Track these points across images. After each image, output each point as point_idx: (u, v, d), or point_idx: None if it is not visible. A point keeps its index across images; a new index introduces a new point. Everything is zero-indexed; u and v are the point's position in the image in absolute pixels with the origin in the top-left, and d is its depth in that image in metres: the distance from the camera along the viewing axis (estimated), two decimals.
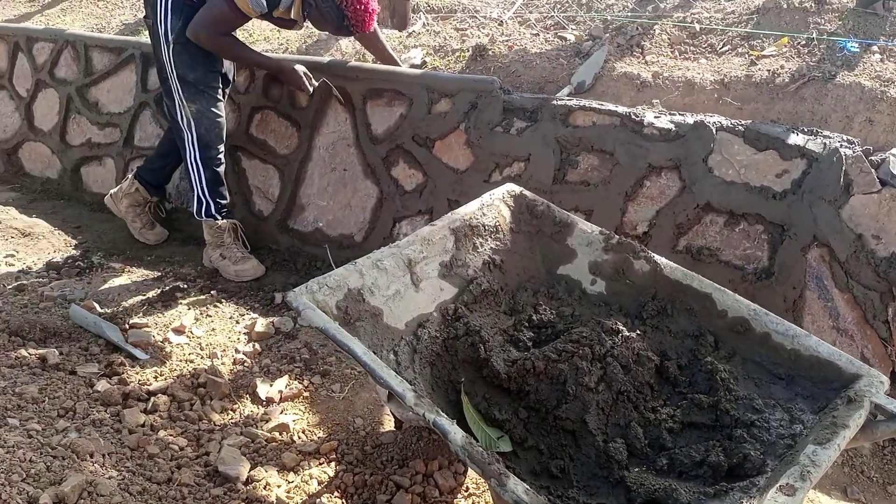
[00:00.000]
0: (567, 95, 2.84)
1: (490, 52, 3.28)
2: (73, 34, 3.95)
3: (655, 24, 3.33)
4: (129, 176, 3.22)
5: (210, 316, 2.66)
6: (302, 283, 2.94)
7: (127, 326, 2.50)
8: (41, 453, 1.54)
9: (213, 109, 2.83)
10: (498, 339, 1.64)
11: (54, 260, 3.07)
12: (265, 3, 2.56)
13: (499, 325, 1.71)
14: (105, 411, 1.94)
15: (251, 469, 1.82)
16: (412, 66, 3.26)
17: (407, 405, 1.26)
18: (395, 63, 3.13)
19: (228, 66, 2.91)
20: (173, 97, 2.79)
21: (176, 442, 1.89)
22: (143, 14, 2.84)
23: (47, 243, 3.27)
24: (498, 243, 1.84)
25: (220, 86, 2.88)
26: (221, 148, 2.93)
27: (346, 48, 3.62)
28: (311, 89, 2.95)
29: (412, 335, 1.62)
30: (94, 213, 3.63)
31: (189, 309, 2.67)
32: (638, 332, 1.60)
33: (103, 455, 1.64)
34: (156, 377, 2.21)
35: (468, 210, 1.83)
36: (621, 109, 2.56)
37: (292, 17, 2.64)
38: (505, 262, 1.83)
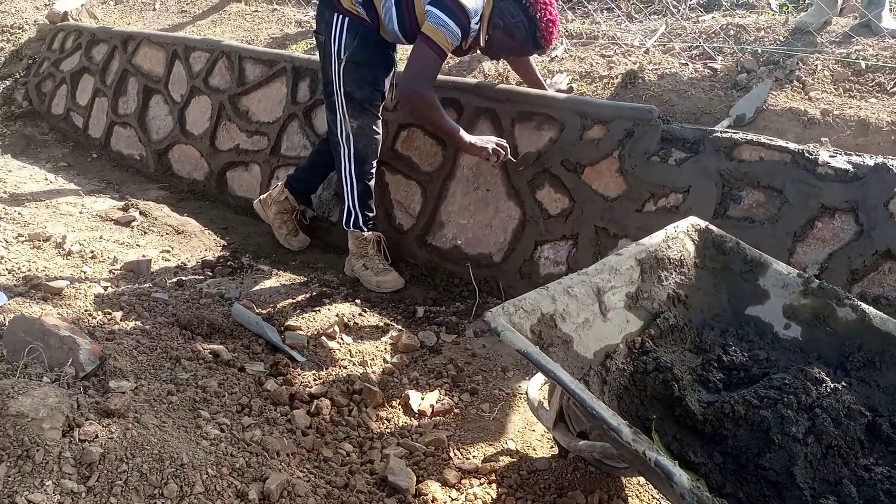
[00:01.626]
0: (725, 128, 2.77)
1: (640, 80, 3.25)
2: (228, 45, 4.18)
3: (813, 58, 3.21)
4: (279, 184, 3.36)
5: (357, 324, 2.72)
6: (442, 299, 3.02)
7: (282, 328, 2.60)
8: (238, 448, 1.61)
9: (373, 126, 2.93)
10: (687, 378, 1.60)
11: (207, 259, 3.24)
12: (459, 35, 2.60)
13: (686, 362, 1.67)
14: (275, 410, 2.01)
15: (417, 482, 1.84)
16: (558, 90, 3.26)
17: (623, 441, 1.23)
18: (542, 87, 3.14)
19: (388, 86, 3.00)
20: (336, 112, 2.90)
21: (342, 447, 1.94)
22: (314, 30, 2.97)
23: (199, 242, 3.45)
24: (682, 278, 1.80)
25: (381, 103, 2.97)
26: (374, 163, 3.02)
27: (490, 70, 3.67)
28: (492, 161, 2.83)
29: (601, 365, 1.60)
30: (238, 216, 3.81)
31: (337, 316, 2.75)
32: (843, 383, 1.52)
33: (287, 455, 1.70)
34: (314, 380, 2.28)
35: (653, 242, 1.80)
36: (792, 146, 2.47)
37: (480, 43, 2.69)
38: (689, 297, 1.79)
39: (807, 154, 2.42)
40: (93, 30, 5.03)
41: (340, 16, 2.80)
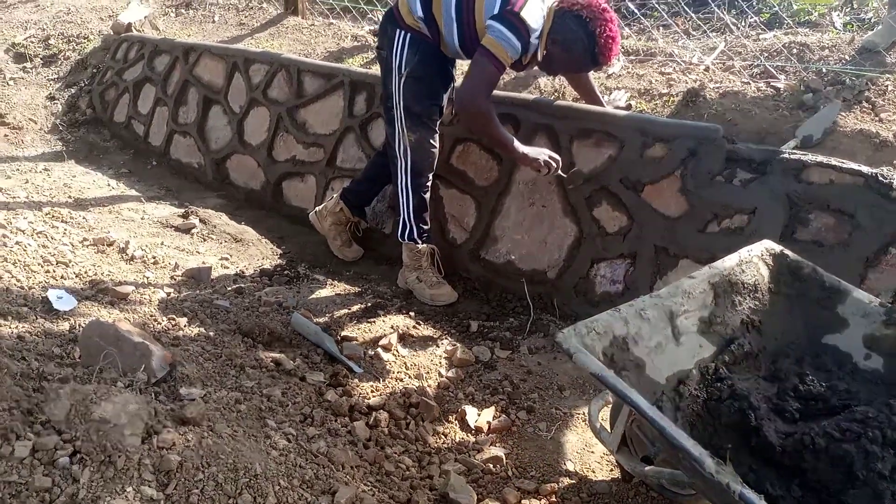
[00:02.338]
0: (792, 149, 2.71)
1: (702, 98, 3.20)
2: (287, 58, 4.26)
3: (883, 79, 3.12)
4: (335, 196, 3.40)
5: (412, 336, 2.73)
6: (495, 314, 3.00)
7: (339, 338, 2.62)
8: (306, 459, 1.62)
9: (430, 140, 2.95)
10: (763, 408, 1.56)
11: (265, 267, 3.29)
12: (519, 49, 2.62)
13: (760, 391, 1.63)
14: (336, 421, 2.03)
15: (478, 500, 1.83)
16: (616, 107, 3.24)
17: (705, 472, 1.21)
18: (601, 104, 3.12)
19: (446, 100, 3.01)
20: (395, 125, 2.93)
21: (402, 461, 1.94)
22: (377, 45, 3.01)
23: (256, 250, 3.51)
24: (756, 303, 1.76)
25: (439, 118, 2.99)
26: (430, 176, 3.04)
27: (546, 86, 3.67)
28: (546, 171, 2.84)
29: (673, 391, 1.57)
30: (293, 225, 3.86)
31: (391, 328, 2.76)
32: None
33: (352, 467, 1.71)
34: (372, 391, 2.29)
35: (727, 265, 1.76)
36: (865, 169, 2.40)
37: (538, 59, 2.70)
38: (763, 323, 1.75)
39: (881, 178, 2.35)
40: (155, 41, 5.18)
41: (403, 31, 2.83)
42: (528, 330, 2.84)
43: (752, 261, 1.79)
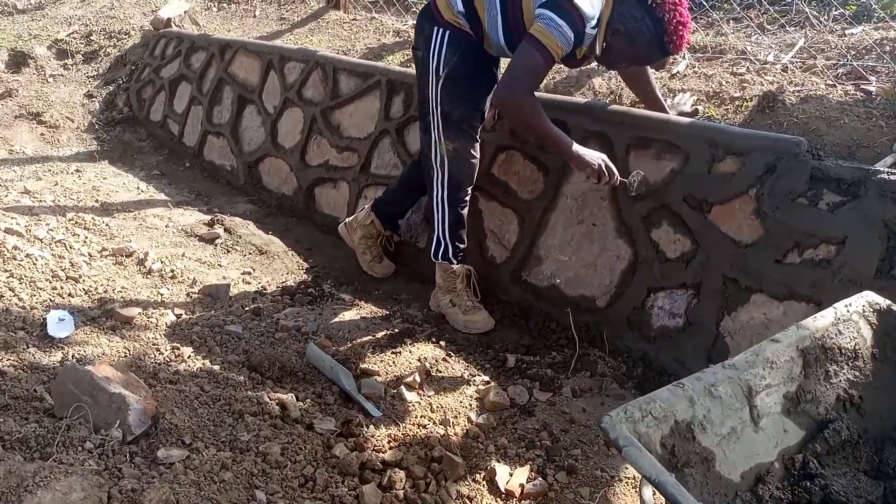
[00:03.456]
0: (890, 167, 2.30)
1: (780, 104, 2.80)
2: (323, 56, 4.02)
3: None
4: (367, 207, 3.14)
5: (440, 371, 2.44)
6: (536, 346, 2.68)
7: (359, 372, 2.36)
8: None
9: (470, 150, 2.65)
10: None
11: (288, 284, 3.06)
12: (572, 39, 2.29)
13: (862, 491, 1.27)
14: (343, 483, 1.76)
15: None
16: (680, 112, 2.86)
17: None
18: (663, 108, 2.76)
19: (487, 104, 2.70)
20: (430, 133, 2.64)
21: None
22: (413, 45, 2.72)
23: (281, 264, 3.28)
24: (856, 373, 1.40)
25: (480, 124, 2.68)
26: (469, 190, 2.74)
27: (600, 87, 3.31)
28: (595, 181, 2.50)
29: (749, 492, 1.24)
30: (324, 236, 3.62)
31: (419, 360, 2.48)
32: None
33: None
34: (389, 441, 2.01)
35: (819, 325, 1.41)
36: None
37: (596, 52, 2.37)
38: (865, 400, 1.39)
39: None
40: (193, 37, 5.02)
41: (441, 29, 2.54)
42: (573, 367, 2.51)
43: (852, 319, 1.43)
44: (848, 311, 1.45)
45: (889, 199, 2.12)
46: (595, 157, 2.50)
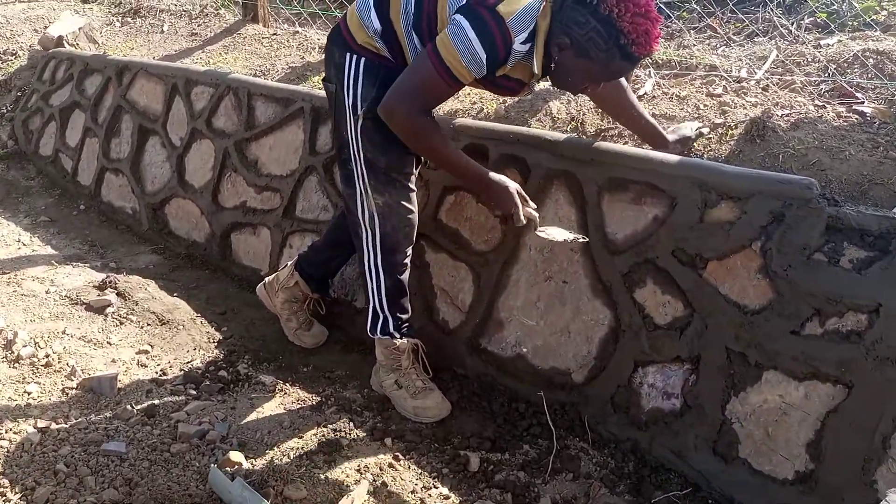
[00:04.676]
0: None
1: (771, 131, 2.41)
2: (235, 79, 3.45)
3: None
4: (289, 265, 2.60)
5: (387, 484, 1.93)
6: (503, 437, 2.16)
7: (281, 501, 1.82)
8: None
9: (404, 203, 2.14)
10: None
11: (194, 365, 2.49)
12: (484, 62, 1.82)
13: None
14: None
15: None
16: (681, 137, 2.41)
17: None
18: (658, 134, 2.32)
19: None
20: (355, 185, 2.12)
21: None
22: (322, 76, 2.19)
23: (187, 336, 2.70)
24: None
25: (415, 170, 2.18)
26: (409, 251, 2.24)
27: (558, 112, 2.86)
28: (523, 220, 2.09)
29: None
30: (242, 293, 3.06)
31: (359, 472, 1.96)
32: None
33: None
34: None
35: None
36: None
37: (534, 70, 1.89)
38: None
39: None
40: (86, 58, 4.35)
41: (355, 56, 2.03)
42: (551, 467, 2.04)
43: None
44: None
45: None
46: (513, 188, 2.07)
